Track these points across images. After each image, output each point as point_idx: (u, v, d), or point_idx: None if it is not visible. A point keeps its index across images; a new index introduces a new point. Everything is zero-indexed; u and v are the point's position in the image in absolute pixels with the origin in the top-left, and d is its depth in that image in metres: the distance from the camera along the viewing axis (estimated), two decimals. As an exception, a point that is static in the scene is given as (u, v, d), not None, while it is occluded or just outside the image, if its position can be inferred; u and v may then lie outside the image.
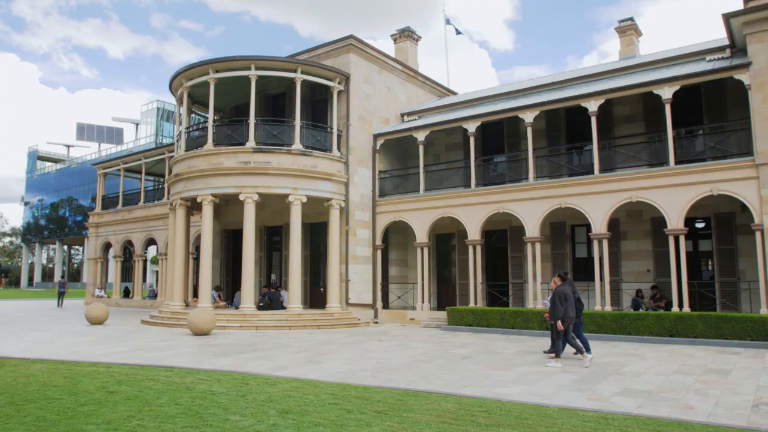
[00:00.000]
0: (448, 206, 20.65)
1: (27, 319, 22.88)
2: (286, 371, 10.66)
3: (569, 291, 11.82)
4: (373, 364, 11.66)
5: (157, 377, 9.36)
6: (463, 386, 9.38)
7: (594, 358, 12.13)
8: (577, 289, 12.72)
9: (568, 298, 11.71)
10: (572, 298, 11.81)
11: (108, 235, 35.01)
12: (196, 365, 11.09)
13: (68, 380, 8.97)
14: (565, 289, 11.83)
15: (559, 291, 11.82)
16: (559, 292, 11.78)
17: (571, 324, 11.82)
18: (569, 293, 11.77)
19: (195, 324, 16.41)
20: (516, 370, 11.01)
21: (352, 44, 21.78)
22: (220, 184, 19.65)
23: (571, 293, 11.81)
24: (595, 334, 16.15)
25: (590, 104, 18.15)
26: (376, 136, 22.47)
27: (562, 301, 11.67)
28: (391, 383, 9.53)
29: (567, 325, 11.72)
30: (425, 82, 26.51)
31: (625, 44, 23.02)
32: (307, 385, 8.98)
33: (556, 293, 11.81)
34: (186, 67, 20.85)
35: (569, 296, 11.73)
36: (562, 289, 11.84)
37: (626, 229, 19.50)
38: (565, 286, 11.90)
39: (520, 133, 21.91)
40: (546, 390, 9.09)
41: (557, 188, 18.48)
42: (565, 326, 11.70)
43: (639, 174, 17.13)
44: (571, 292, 11.84)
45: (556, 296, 11.75)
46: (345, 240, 20.90)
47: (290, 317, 19.04)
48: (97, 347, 14.07)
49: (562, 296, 11.71)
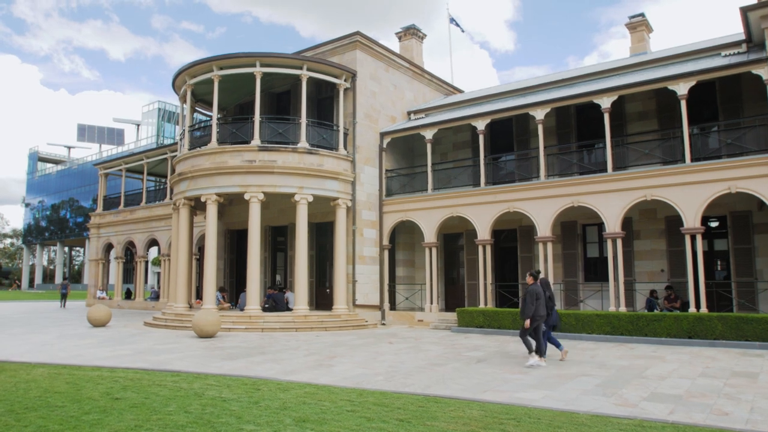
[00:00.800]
0: (457, 205, 20.24)
1: (27, 321, 22.49)
2: (297, 375, 10.28)
3: (541, 290, 11.75)
4: (385, 368, 11.28)
5: (163, 382, 8.96)
6: (482, 391, 9.01)
7: (543, 364, 11.68)
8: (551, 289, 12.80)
9: (540, 297, 11.63)
10: (543, 297, 11.74)
11: (109, 236, 34.63)
12: (203, 369, 10.70)
13: (71, 386, 8.57)
14: (537, 288, 11.75)
15: (531, 290, 11.73)
16: (531, 291, 11.70)
17: (542, 322, 11.76)
18: (541, 292, 11.70)
19: (200, 326, 16.02)
20: (535, 374, 10.62)
21: (359, 41, 21.38)
22: (225, 183, 19.25)
23: (542, 292, 11.74)
24: (610, 335, 15.75)
25: (603, 101, 17.75)
26: (383, 134, 22.07)
27: (533, 299, 11.58)
28: (407, 388, 9.15)
29: (537, 323, 11.64)
30: (432, 80, 26.12)
31: (635, 40, 22.62)
32: (321, 390, 8.58)
33: (528, 292, 11.73)
34: (189, 65, 20.46)
35: (541, 295, 11.66)
36: (534, 287, 11.76)
37: (639, 228, 19.09)
38: (537, 285, 11.81)
39: (530, 131, 21.54)
40: (570, 395, 8.71)
41: (569, 186, 18.07)
42: (536, 324, 11.63)
43: (654, 172, 16.72)
44: (542, 291, 11.77)
45: (528, 295, 11.68)
46: (352, 240, 20.49)
47: (297, 319, 18.64)
48: (99, 350, 13.68)
49: (533, 295, 11.62)
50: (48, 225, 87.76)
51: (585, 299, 19.13)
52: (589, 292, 19.61)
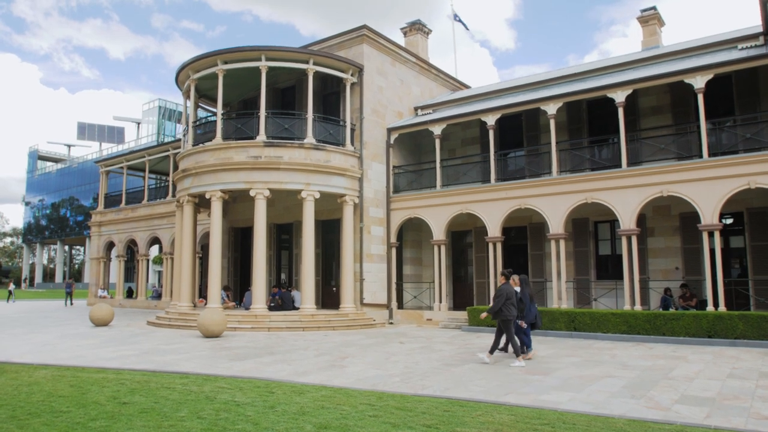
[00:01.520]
0: (467, 202, 19.83)
1: (28, 321, 22.09)
2: (309, 377, 9.88)
3: (512, 290, 11.67)
4: (400, 369, 10.89)
5: (172, 385, 8.56)
6: (505, 393, 8.63)
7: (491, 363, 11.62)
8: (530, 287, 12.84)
9: (510, 296, 11.53)
10: (514, 297, 11.66)
11: (111, 234, 34.22)
12: (212, 371, 10.30)
13: (75, 389, 8.16)
14: (508, 287, 11.65)
15: (502, 289, 11.61)
16: (501, 291, 11.58)
17: (512, 322, 11.62)
18: (512, 292, 11.62)
19: (205, 325, 15.61)
20: (555, 375, 10.24)
21: (366, 35, 20.97)
22: (230, 179, 18.83)
23: (513, 292, 11.66)
24: (626, 335, 15.36)
25: (617, 94, 17.34)
26: (390, 129, 21.67)
27: (502, 299, 11.46)
28: (425, 390, 8.77)
29: (509, 324, 11.53)
30: (438, 75, 25.70)
31: (647, 34, 22.19)
32: (338, 393, 8.18)
33: (499, 291, 11.62)
34: (193, 59, 20.04)
35: (512, 295, 11.58)
36: (505, 287, 11.66)
37: (653, 225, 18.68)
38: (508, 285, 11.73)
39: (540, 127, 21.13)
40: (597, 397, 8.33)
41: (583, 182, 17.67)
42: (508, 325, 11.52)
43: (670, 167, 16.32)
44: (513, 290, 11.70)
45: (498, 294, 11.58)
46: (359, 237, 20.09)
47: (303, 318, 18.24)
48: (102, 350, 13.28)
49: (503, 294, 11.52)
50: (48, 224, 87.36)
51: (599, 298, 18.71)
52: (601, 290, 19.21)
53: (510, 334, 11.60)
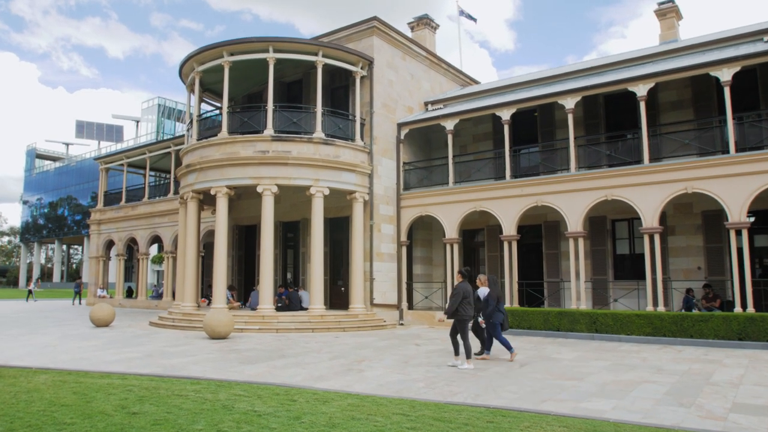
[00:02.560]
0: (480, 199, 19.19)
1: (27, 321, 21.40)
2: (327, 382, 9.25)
3: (469, 289, 11.28)
4: (422, 373, 10.26)
5: (184, 392, 7.90)
6: (541, 400, 8.03)
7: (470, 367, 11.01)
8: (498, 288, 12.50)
9: (468, 296, 11.15)
10: (471, 296, 11.29)
11: (110, 233, 33.51)
12: (223, 375, 9.65)
13: (79, 397, 7.50)
14: (465, 286, 11.22)
15: (459, 288, 11.19)
16: (458, 290, 11.17)
17: (469, 323, 11.27)
18: (469, 291, 11.24)
19: (212, 327, 14.95)
20: (589, 380, 9.62)
21: (376, 27, 20.31)
22: (236, 174, 18.16)
23: (471, 291, 11.30)
24: (651, 336, 14.73)
25: (639, 88, 16.71)
26: (401, 125, 21.02)
27: (459, 298, 11.06)
28: (455, 397, 8.15)
29: (465, 324, 11.10)
30: (448, 70, 25.06)
31: (665, 28, 21.57)
32: (365, 402, 7.52)
33: (456, 290, 11.20)
34: (199, 50, 19.38)
35: (469, 294, 11.19)
36: (463, 286, 11.21)
37: (674, 223, 18.06)
38: (465, 284, 11.28)
39: (555, 122, 20.51)
40: (642, 405, 7.75)
41: (602, 179, 17.04)
42: (465, 326, 11.08)
43: (695, 163, 15.69)
44: (471, 289, 11.33)
45: (454, 293, 11.18)
46: (369, 236, 19.43)
47: (313, 319, 17.58)
48: (105, 353, 12.63)
49: (460, 293, 11.12)
50: (46, 223, 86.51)
51: (619, 299, 18.06)
52: (619, 290, 18.58)
53: (465, 334, 11.09)
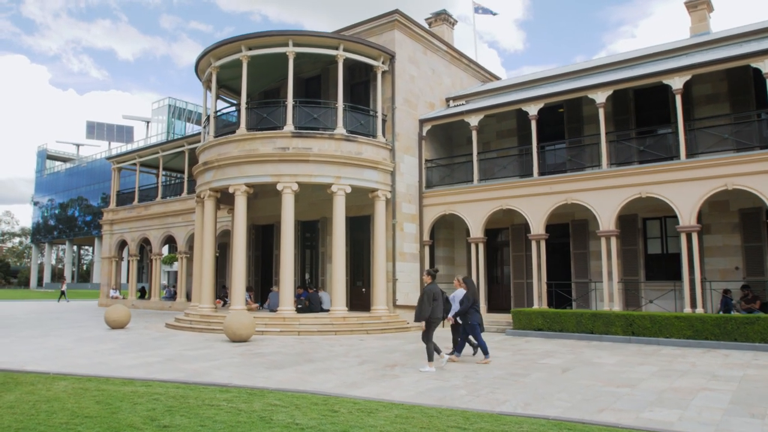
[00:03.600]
0: (507, 197, 18.55)
1: (39, 323, 20.93)
2: (363, 389, 8.66)
3: (439, 290, 11.07)
4: (460, 379, 9.66)
5: (215, 401, 7.32)
6: (598, 410, 7.45)
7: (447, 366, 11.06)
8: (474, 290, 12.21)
9: (437, 297, 10.93)
10: (441, 298, 11.08)
11: (123, 233, 33.07)
12: (252, 382, 9.07)
13: (103, 407, 6.94)
14: (435, 288, 11.00)
15: (428, 290, 10.92)
16: (428, 291, 10.89)
17: (437, 325, 11.08)
18: (438, 293, 11.02)
19: (233, 329, 14.39)
20: (642, 387, 8.99)
21: (398, 20, 19.71)
22: (255, 172, 17.60)
23: (440, 292, 11.10)
24: (692, 340, 14.05)
25: (674, 81, 16.02)
26: (423, 121, 20.40)
27: (430, 300, 10.78)
28: (503, 406, 7.56)
29: (434, 326, 10.91)
30: (469, 66, 24.42)
31: (696, 20, 20.84)
32: (413, 413, 6.91)
33: (425, 292, 10.92)
34: (216, 44, 18.85)
35: (438, 296, 10.97)
36: (432, 287, 10.97)
37: (710, 222, 17.35)
38: (435, 285, 11.07)
39: (583, 118, 19.85)
40: (711, 415, 7.16)
41: (636, 176, 16.35)
42: (431, 327, 10.87)
43: (735, 158, 14.99)
44: (440, 291, 11.13)
45: (425, 295, 10.86)
46: (392, 235, 18.83)
47: (335, 321, 16.98)
48: (123, 357, 12.09)
49: (430, 295, 10.83)
50: (56, 224, 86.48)
51: (654, 300, 17.36)
52: (651, 291, 17.89)
53: (429, 336, 10.84)
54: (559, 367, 10.98)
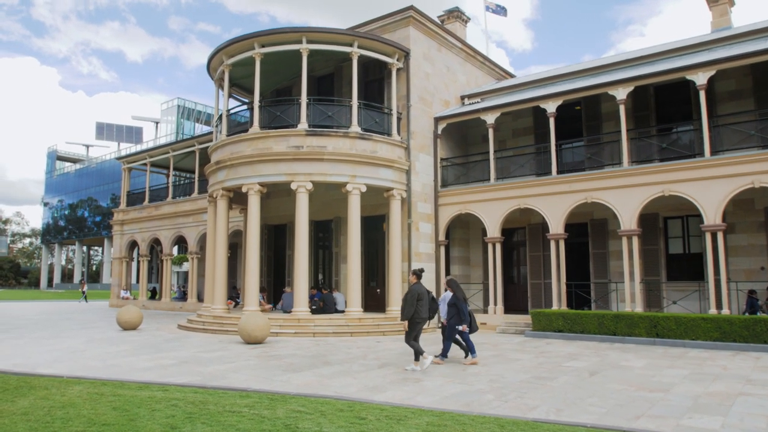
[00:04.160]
0: (524, 196, 18.19)
1: (50, 324, 20.74)
2: (386, 394, 8.35)
3: (424, 290, 11.03)
4: (485, 383, 9.33)
5: (236, 408, 7.02)
6: (635, 416, 7.16)
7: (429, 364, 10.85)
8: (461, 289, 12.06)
9: (422, 297, 10.89)
10: (426, 298, 11.00)
11: (133, 233, 32.89)
12: (271, 386, 8.77)
13: (120, 413, 6.65)
14: (420, 288, 10.97)
15: (413, 290, 10.90)
16: (413, 291, 10.86)
17: (422, 325, 11.00)
18: (424, 293, 10.97)
19: (248, 331, 14.10)
20: (677, 392, 8.65)
21: (412, 16, 19.38)
22: (269, 171, 17.31)
23: (425, 292, 11.01)
24: (719, 342, 13.64)
25: (698, 76, 15.63)
26: (438, 119, 20.07)
27: (414, 300, 10.75)
28: (534, 413, 7.26)
29: (419, 327, 10.87)
30: (484, 63, 24.06)
31: (717, 15, 20.39)
32: (445, 420, 6.58)
33: (409, 292, 10.91)
34: (228, 42, 18.58)
35: (423, 296, 10.93)
36: (417, 287, 10.94)
37: (734, 221, 16.91)
38: (420, 285, 11.03)
39: (602, 115, 19.48)
40: (756, 423, 6.91)
41: (658, 173, 15.96)
42: (418, 328, 10.85)
43: (764, 155, 14.56)
44: (425, 291, 11.06)
45: (409, 295, 10.84)
46: (407, 235, 18.50)
47: (350, 322, 16.68)
48: (137, 359, 11.83)
49: (414, 295, 10.80)
50: (66, 224, 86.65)
51: (678, 301, 16.95)
52: (673, 292, 17.48)
53: (411, 336, 10.77)
54: (586, 371, 10.63)
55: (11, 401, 7.25)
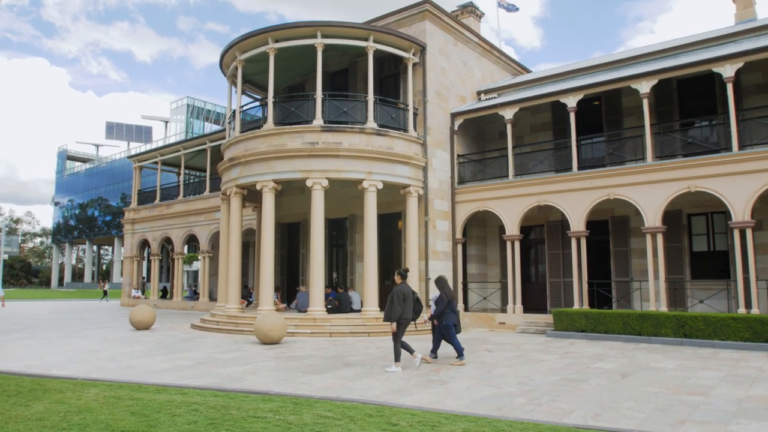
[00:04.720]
0: (544, 193, 17.78)
1: (63, 323, 20.53)
2: (412, 397, 8.02)
3: (409, 290, 10.93)
4: (514, 386, 8.97)
5: (260, 413, 6.69)
6: (678, 422, 6.81)
7: None
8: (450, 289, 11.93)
9: (407, 297, 10.77)
10: (411, 298, 10.91)
11: (145, 232, 32.70)
12: (292, 389, 8.45)
13: (139, 418, 6.33)
14: (405, 288, 10.85)
15: (398, 290, 10.73)
16: (398, 291, 10.69)
17: (407, 325, 10.85)
18: (409, 293, 10.86)
19: (264, 331, 13.79)
20: (717, 395, 8.26)
21: (428, 10, 19.00)
22: (284, 168, 17.00)
23: (410, 293, 10.93)
24: (750, 342, 13.19)
25: (725, 69, 15.18)
26: (455, 114, 19.68)
27: (400, 301, 10.59)
28: (571, 417, 6.92)
29: (403, 327, 10.70)
30: (500, 58, 23.64)
31: (741, 6, 19.87)
32: (482, 427, 6.21)
33: (395, 292, 10.69)
34: (241, 37, 18.27)
35: (408, 296, 10.81)
36: (402, 287, 10.81)
37: (761, 218, 16.43)
38: (405, 285, 10.92)
39: (622, 110, 19.03)
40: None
41: (684, 169, 15.50)
42: (402, 328, 10.67)
43: (794, 149, 14.11)
44: (410, 291, 10.97)
45: (395, 295, 10.62)
46: (424, 233, 18.14)
47: (367, 322, 16.34)
48: (152, 360, 11.55)
49: (400, 295, 10.64)
50: (77, 224, 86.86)
51: (705, 300, 16.49)
52: (697, 290, 17.02)
53: (398, 336, 10.61)
54: (617, 372, 10.23)
55: (26, 405, 6.96)
